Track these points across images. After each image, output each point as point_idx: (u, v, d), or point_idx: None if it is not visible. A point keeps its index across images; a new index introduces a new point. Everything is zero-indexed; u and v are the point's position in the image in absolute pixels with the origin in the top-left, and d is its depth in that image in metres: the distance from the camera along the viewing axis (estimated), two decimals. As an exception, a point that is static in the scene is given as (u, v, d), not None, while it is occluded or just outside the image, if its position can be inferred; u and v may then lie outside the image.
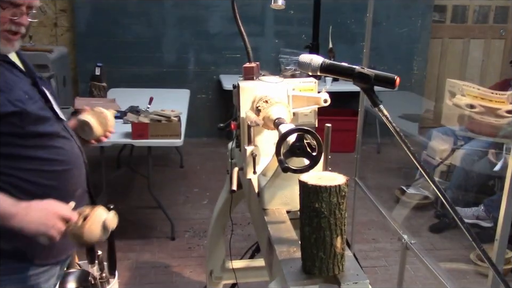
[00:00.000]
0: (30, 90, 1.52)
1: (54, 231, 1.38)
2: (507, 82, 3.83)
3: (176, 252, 3.42)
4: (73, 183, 1.61)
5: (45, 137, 1.52)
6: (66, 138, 1.61)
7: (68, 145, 1.60)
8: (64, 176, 1.58)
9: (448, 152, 3.87)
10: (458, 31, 6.03)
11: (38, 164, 1.51)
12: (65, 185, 1.58)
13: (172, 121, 3.28)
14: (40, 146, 1.51)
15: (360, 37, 4.77)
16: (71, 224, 1.41)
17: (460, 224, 1.23)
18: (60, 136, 1.57)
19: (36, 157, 1.50)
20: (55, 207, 1.41)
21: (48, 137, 1.53)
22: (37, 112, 1.49)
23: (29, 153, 1.49)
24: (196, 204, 4.10)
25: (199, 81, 5.62)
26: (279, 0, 1.83)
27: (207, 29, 5.50)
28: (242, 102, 1.67)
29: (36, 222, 1.37)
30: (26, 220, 1.37)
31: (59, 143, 1.56)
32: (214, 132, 5.55)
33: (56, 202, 1.43)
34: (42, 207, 1.40)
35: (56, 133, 1.56)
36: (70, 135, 1.64)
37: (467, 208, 3.71)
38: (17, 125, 1.45)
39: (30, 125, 1.47)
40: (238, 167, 1.78)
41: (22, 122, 1.45)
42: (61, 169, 1.56)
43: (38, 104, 1.52)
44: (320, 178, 1.13)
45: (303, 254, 1.17)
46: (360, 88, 1.24)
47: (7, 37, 1.47)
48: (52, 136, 1.54)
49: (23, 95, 1.47)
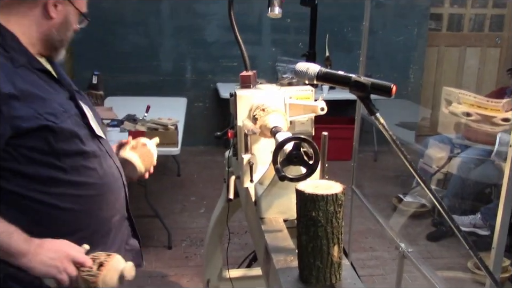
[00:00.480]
0: (66, 104, 1.42)
1: (64, 276, 1.28)
2: (503, 90, 3.84)
3: (173, 261, 3.40)
4: (108, 209, 1.50)
5: (77, 157, 1.41)
6: (103, 158, 1.49)
7: (105, 166, 1.48)
8: (97, 201, 1.46)
9: (445, 160, 3.87)
10: (454, 39, 6.06)
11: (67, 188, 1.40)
12: (98, 212, 1.47)
13: (169, 130, 3.28)
14: (71, 166, 1.39)
15: (357, 45, 4.78)
16: (84, 270, 1.30)
17: (457, 233, 1.23)
18: (95, 155, 1.45)
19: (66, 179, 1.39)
20: (68, 249, 1.30)
21: (82, 156, 1.41)
22: (71, 128, 1.38)
23: (57, 174, 1.37)
24: (193, 213, 4.09)
25: (196, 90, 5.63)
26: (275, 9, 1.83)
27: (204, 38, 5.52)
28: (239, 111, 1.68)
29: (47, 264, 1.27)
30: (37, 260, 1.27)
31: (93, 164, 1.44)
32: (211, 140, 5.55)
33: (70, 244, 1.32)
34: (55, 248, 1.29)
35: (91, 152, 1.44)
36: (109, 155, 1.53)
37: (464, 216, 3.71)
38: (47, 142, 1.34)
39: (61, 142, 1.36)
40: (235, 176, 1.78)
41: (53, 139, 1.34)
42: (93, 194, 1.45)
43: (73, 119, 1.41)
44: (317, 186, 1.13)
45: (300, 263, 1.17)
46: (357, 97, 1.24)
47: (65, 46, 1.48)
48: (86, 156, 1.42)
49: (58, 108, 1.36)
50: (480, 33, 6.05)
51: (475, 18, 6.06)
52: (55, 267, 1.27)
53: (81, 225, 1.44)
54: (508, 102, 3.08)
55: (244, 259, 2.70)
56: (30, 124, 1.30)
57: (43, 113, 1.32)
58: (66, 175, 1.38)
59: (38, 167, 1.34)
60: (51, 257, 1.27)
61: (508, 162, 1.49)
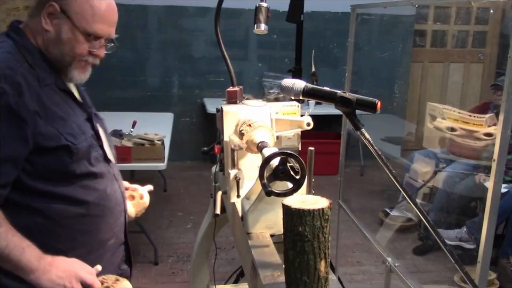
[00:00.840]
0: (84, 126, 1.46)
1: None
2: (486, 105, 3.90)
3: (159, 277, 3.37)
4: (106, 232, 1.51)
5: (88, 177, 1.44)
6: (110, 181, 1.52)
7: (110, 189, 1.51)
8: (96, 222, 1.47)
9: (430, 175, 3.91)
10: (438, 55, 6.15)
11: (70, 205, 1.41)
12: (95, 233, 1.48)
13: (155, 145, 3.27)
14: (81, 186, 1.42)
15: (343, 60, 4.83)
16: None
17: (442, 246, 1.23)
18: (102, 177, 1.48)
19: (70, 197, 1.41)
20: (78, 269, 1.30)
21: (92, 177, 1.45)
22: (87, 149, 1.42)
23: (62, 191, 1.39)
24: (179, 228, 4.07)
25: (182, 105, 5.63)
26: (261, 25, 1.85)
27: (191, 53, 5.54)
28: (225, 126, 1.68)
29: (55, 282, 1.27)
30: (45, 278, 1.27)
31: (99, 185, 1.47)
32: (198, 156, 5.54)
33: (81, 264, 1.33)
34: (65, 267, 1.30)
35: (99, 174, 1.47)
36: (115, 178, 1.55)
37: (450, 230, 3.73)
38: (63, 161, 1.37)
39: (75, 162, 1.39)
40: (222, 191, 1.77)
41: (69, 159, 1.37)
42: (94, 214, 1.46)
43: (89, 140, 1.45)
44: (304, 201, 1.13)
45: (287, 278, 1.17)
46: (342, 112, 1.25)
47: (82, 66, 1.44)
48: (93, 177, 1.45)
49: (76, 129, 1.40)
50: (463, 49, 6.15)
51: (458, 35, 6.16)
52: (63, 286, 1.27)
53: (77, 244, 1.43)
54: (490, 117, 3.12)
55: (231, 275, 2.69)
56: (51, 142, 1.34)
57: (63, 133, 1.36)
58: (70, 193, 1.40)
59: (47, 184, 1.37)
60: (59, 276, 1.28)
61: (491, 177, 1.51)
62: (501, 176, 1.51)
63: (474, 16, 6.08)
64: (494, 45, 6.14)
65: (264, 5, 1.82)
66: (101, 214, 1.48)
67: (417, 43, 6.10)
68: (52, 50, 1.41)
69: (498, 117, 1.49)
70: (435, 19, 6.07)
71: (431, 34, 6.12)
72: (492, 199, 1.52)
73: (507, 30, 5.83)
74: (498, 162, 1.50)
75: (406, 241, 3.93)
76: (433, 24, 6.09)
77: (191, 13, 5.44)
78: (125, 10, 5.20)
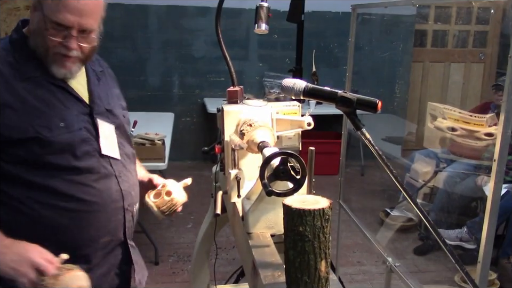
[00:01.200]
0: (74, 119, 1.43)
1: (24, 280, 1.27)
2: (487, 105, 3.90)
3: (159, 277, 3.37)
4: (96, 228, 1.47)
5: (72, 171, 1.42)
6: (105, 177, 1.48)
7: (102, 185, 1.47)
8: (84, 218, 1.44)
9: (431, 175, 3.91)
10: (439, 55, 6.14)
11: (54, 198, 1.40)
12: (84, 229, 1.45)
13: (155, 145, 3.27)
14: (65, 179, 1.40)
15: (343, 60, 4.83)
16: (43, 279, 1.28)
17: (443, 246, 1.23)
18: (91, 172, 1.45)
19: (55, 190, 1.40)
20: (34, 255, 1.29)
21: (77, 171, 1.42)
22: (65, 143, 1.39)
23: (46, 183, 1.39)
24: (180, 228, 4.07)
25: (183, 105, 5.63)
26: (262, 25, 1.85)
27: (192, 53, 5.54)
28: (226, 126, 1.68)
29: (8, 266, 1.27)
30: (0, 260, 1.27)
31: (87, 181, 1.44)
32: (198, 155, 5.54)
33: (39, 250, 1.31)
34: (21, 251, 1.29)
35: (90, 169, 1.44)
36: (115, 176, 1.51)
37: (450, 230, 3.73)
38: (35, 153, 1.37)
39: (51, 155, 1.38)
40: (222, 191, 1.77)
41: (41, 151, 1.37)
42: (82, 209, 1.43)
43: (77, 134, 1.42)
44: (304, 201, 1.13)
45: (287, 278, 1.17)
46: (343, 112, 1.25)
47: (59, 59, 1.40)
48: (79, 172, 1.42)
49: (56, 122, 1.39)
50: (464, 49, 6.15)
51: (459, 35, 6.16)
52: (15, 270, 1.27)
53: (60, 237, 1.42)
54: (491, 117, 3.12)
55: (231, 274, 2.69)
56: (19, 134, 1.35)
57: (36, 125, 1.36)
58: (52, 185, 1.40)
59: (28, 173, 1.38)
60: (13, 260, 1.28)
61: (492, 177, 1.51)
62: (501, 177, 1.51)
63: (475, 16, 6.07)
64: (495, 45, 6.14)
65: (264, 5, 1.82)
66: (89, 210, 1.45)
67: (418, 43, 6.10)
68: (30, 43, 1.42)
69: (499, 117, 1.48)
70: (436, 19, 6.07)
71: (432, 34, 6.11)
72: (492, 199, 1.51)
73: (508, 30, 5.83)
74: (498, 163, 1.50)
75: (406, 241, 3.93)
76: (434, 24, 6.08)
77: (192, 12, 5.44)
78: (125, 10, 5.22)
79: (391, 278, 2.31)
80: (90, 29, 1.42)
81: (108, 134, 1.51)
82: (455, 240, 3.69)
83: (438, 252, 3.71)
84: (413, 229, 4.07)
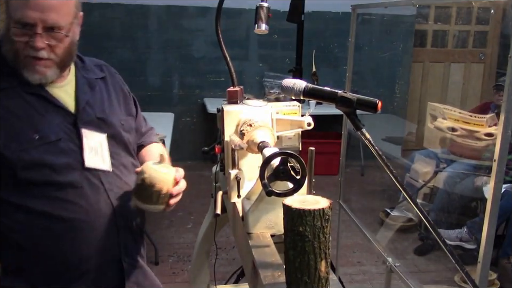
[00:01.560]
0: (52, 130, 1.32)
1: None
2: (487, 105, 3.90)
3: (159, 277, 3.34)
4: (84, 249, 1.35)
5: (46, 186, 1.31)
6: (90, 192, 1.36)
7: (88, 200, 1.35)
8: (67, 237, 1.32)
9: (431, 175, 3.91)
10: (438, 55, 6.14)
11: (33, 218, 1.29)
12: (62, 250, 1.33)
13: (156, 145, 3.26)
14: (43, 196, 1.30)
15: (343, 60, 4.83)
16: None
17: (443, 247, 1.23)
18: (74, 187, 1.33)
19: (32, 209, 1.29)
20: None
21: (53, 186, 1.31)
22: (39, 156, 1.29)
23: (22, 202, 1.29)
24: (180, 228, 4.07)
25: (183, 105, 5.63)
26: (262, 25, 1.85)
27: (192, 53, 5.54)
28: (226, 126, 1.68)
29: None
30: None
31: (70, 196, 1.33)
32: (198, 155, 5.54)
33: None
34: None
35: (71, 183, 1.33)
36: (105, 189, 1.39)
37: (450, 230, 3.73)
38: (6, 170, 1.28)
39: (24, 170, 1.28)
40: (222, 191, 1.77)
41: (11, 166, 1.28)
42: (64, 228, 1.32)
43: (54, 146, 1.32)
44: (304, 201, 1.13)
45: (287, 278, 1.17)
46: (343, 112, 1.25)
47: (29, 63, 1.31)
48: (59, 187, 1.32)
49: (28, 135, 1.29)
50: (464, 49, 6.15)
51: (459, 35, 6.16)
52: None
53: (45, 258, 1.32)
54: (491, 117, 3.12)
55: (231, 275, 2.68)
56: None
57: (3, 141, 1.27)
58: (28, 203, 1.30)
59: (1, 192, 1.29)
60: None
61: (492, 177, 1.51)
62: (501, 176, 1.51)
63: (475, 16, 6.07)
64: (495, 45, 6.14)
65: (264, 5, 1.81)
66: (72, 228, 1.33)
67: (418, 43, 6.10)
68: (2, 49, 1.34)
69: (499, 117, 1.48)
70: (436, 19, 6.07)
71: (432, 34, 6.11)
72: (492, 199, 1.51)
73: (508, 30, 5.83)
74: (498, 163, 1.49)
75: (406, 241, 3.93)
76: (434, 24, 6.08)
77: (192, 12, 5.44)
78: (125, 10, 5.21)
79: (391, 278, 2.31)
80: (57, 25, 1.31)
81: (95, 144, 1.39)
82: (455, 240, 3.69)
83: (438, 252, 3.71)
84: (413, 229, 4.06)
